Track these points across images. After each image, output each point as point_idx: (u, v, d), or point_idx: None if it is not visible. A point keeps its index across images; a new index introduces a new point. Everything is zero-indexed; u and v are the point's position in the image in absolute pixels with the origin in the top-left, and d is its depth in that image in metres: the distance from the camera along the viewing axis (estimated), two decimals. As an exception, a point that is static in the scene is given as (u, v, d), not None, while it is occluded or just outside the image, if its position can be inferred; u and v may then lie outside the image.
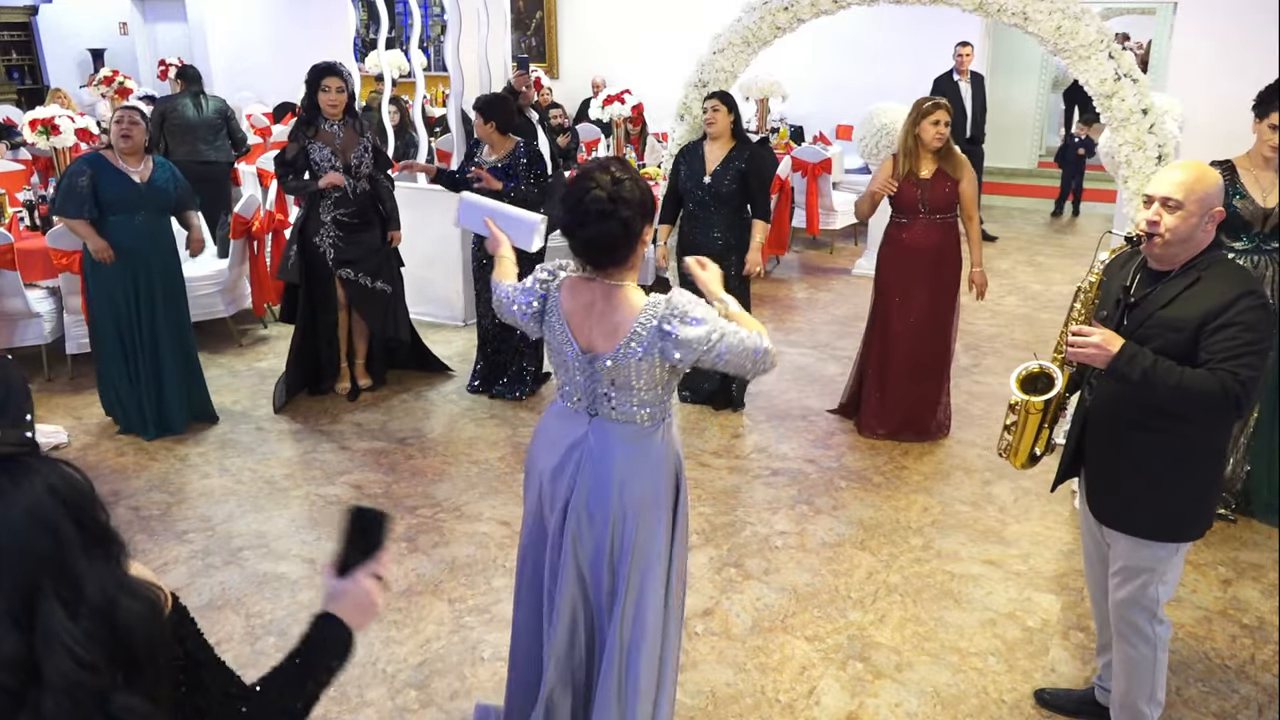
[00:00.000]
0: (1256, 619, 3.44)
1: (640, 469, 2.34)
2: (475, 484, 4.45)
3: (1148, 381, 2.33)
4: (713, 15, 6.13)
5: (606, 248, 2.24)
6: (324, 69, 4.98)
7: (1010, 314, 7.06)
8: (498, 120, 5.10)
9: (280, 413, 5.22)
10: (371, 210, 5.18)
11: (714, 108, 4.93)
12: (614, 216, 2.18)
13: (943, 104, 4.60)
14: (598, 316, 2.29)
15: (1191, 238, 2.40)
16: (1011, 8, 4.46)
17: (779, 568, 3.77)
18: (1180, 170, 2.42)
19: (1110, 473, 2.58)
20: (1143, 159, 4.36)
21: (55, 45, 13.85)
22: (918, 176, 4.61)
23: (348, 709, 2.99)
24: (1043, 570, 3.77)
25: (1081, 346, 2.39)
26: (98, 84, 9.91)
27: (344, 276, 5.17)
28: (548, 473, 2.41)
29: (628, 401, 2.31)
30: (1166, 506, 2.50)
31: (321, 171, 4.97)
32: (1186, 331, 2.35)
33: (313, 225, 5.09)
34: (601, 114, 8.07)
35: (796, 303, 7.42)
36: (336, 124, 5.01)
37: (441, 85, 10.37)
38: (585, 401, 2.37)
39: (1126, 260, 2.59)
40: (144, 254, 4.68)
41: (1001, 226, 9.82)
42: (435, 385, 5.62)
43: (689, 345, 2.20)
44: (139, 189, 4.59)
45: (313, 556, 3.84)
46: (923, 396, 4.87)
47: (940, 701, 3.04)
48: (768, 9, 5.02)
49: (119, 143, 4.56)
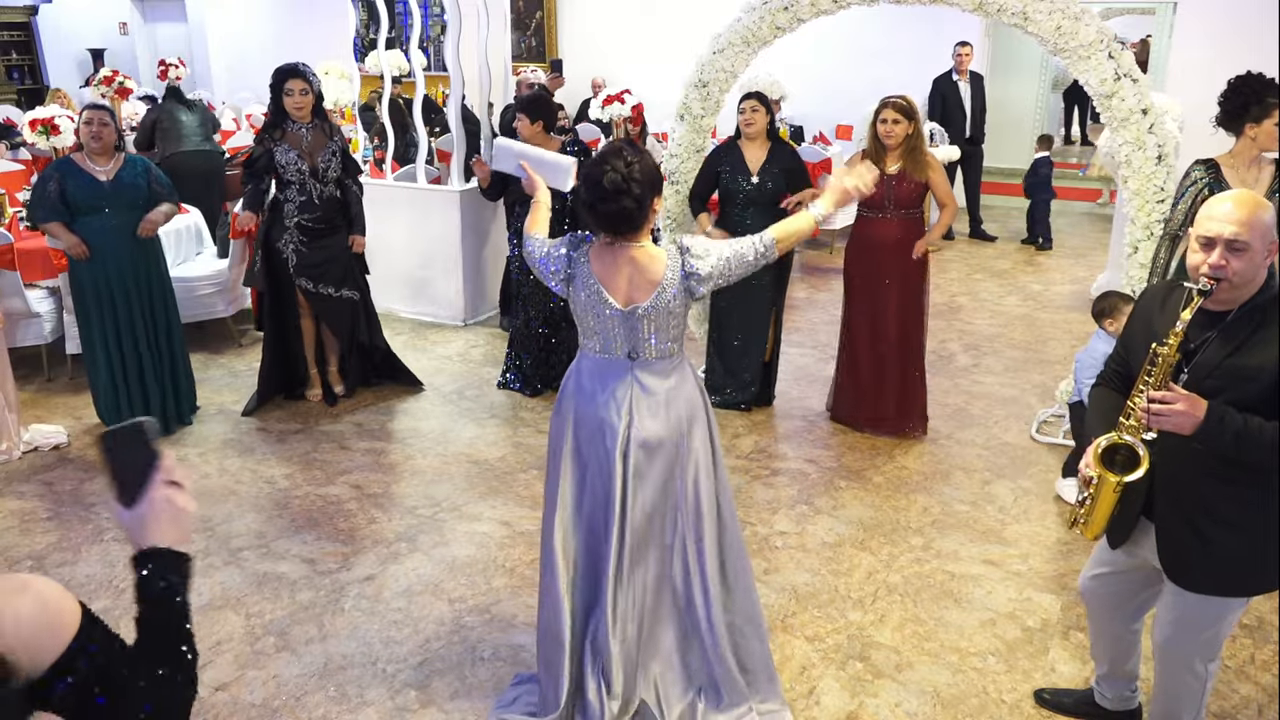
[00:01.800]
0: (1256, 619, 3.44)
1: (680, 392, 2.74)
2: (475, 484, 4.45)
3: (1239, 444, 2.15)
4: (713, 15, 6.13)
5: (624, 220, 2.59)
6: (286, 71, 4.89)
7: (1010, 314, 7.06)
8: (545, 120, 5.10)
9: (280, 413, 5.22)
10: (338, 216, 5.08)
11: (753, 108, 4.92)
12: (629, 194, 2.54)
13: (891, 102, 4.57)
14: (630, 275, 2.65)
15: (1254, 274, 2.20)
16: (1011, 8, 4.46)
17: (779, 568, 3.77)
18: (1236, 205, 2.18)
19: (1185, 530, 2.35)
20: (1143, 159, 4.37)
21: (55, 45, 13.86)
22: (883, 172, 4.59)
23: (348, 709, 2.99)
24: (1043, 570, 3.77)
25: (1167, 415, 2.18)
26: (98, 84, 9.91)
27: (304, 287, 5.07)
28: (596, 419, 2.71)
29: (665, 340, 2.70)
30: (1245, 561, 2.32)
31: (286, 175, 4.90)
32: (1263, 380, 2.16)
33: (277, 231, 5.00)
34: (601, 114, 8.05)
35: (796, 303, 7.42)
36: (304, 126, 4.93)
37: (441, 85, 10.37)
38: (626, 348, 2.70)
39: (1166, 295, 2.37)
40: (115, 252, 4.64)
41: (1001, 227, 9.82)
42: (436, 385, 5.62)
43: (705, 277, 2.65)
44: (103, 188, 4.57)
45: (313, 557, 3.84)
46: (894, 392, 4.87)
47: (940, 701, 3.04)
48: (768, 9, 5.02)
49: (89, 143, 4.55)
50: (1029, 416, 5.16)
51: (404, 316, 6.77)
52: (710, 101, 5.43)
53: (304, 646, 3.28)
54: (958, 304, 7.28)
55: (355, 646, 3.29)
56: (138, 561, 1.33)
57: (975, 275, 8.16)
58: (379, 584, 3.66)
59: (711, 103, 5.42)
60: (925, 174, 4.62)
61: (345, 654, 3.25)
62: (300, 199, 4.94)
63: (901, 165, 4.61)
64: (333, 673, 3.16)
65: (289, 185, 4.94)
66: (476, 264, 6.69)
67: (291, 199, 4.95)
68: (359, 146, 7.25)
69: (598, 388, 2.72)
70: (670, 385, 2.72)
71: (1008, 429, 5.05)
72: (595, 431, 2.72)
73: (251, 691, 3.07)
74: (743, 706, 2.83)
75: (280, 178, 4.94)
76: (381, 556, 3.85)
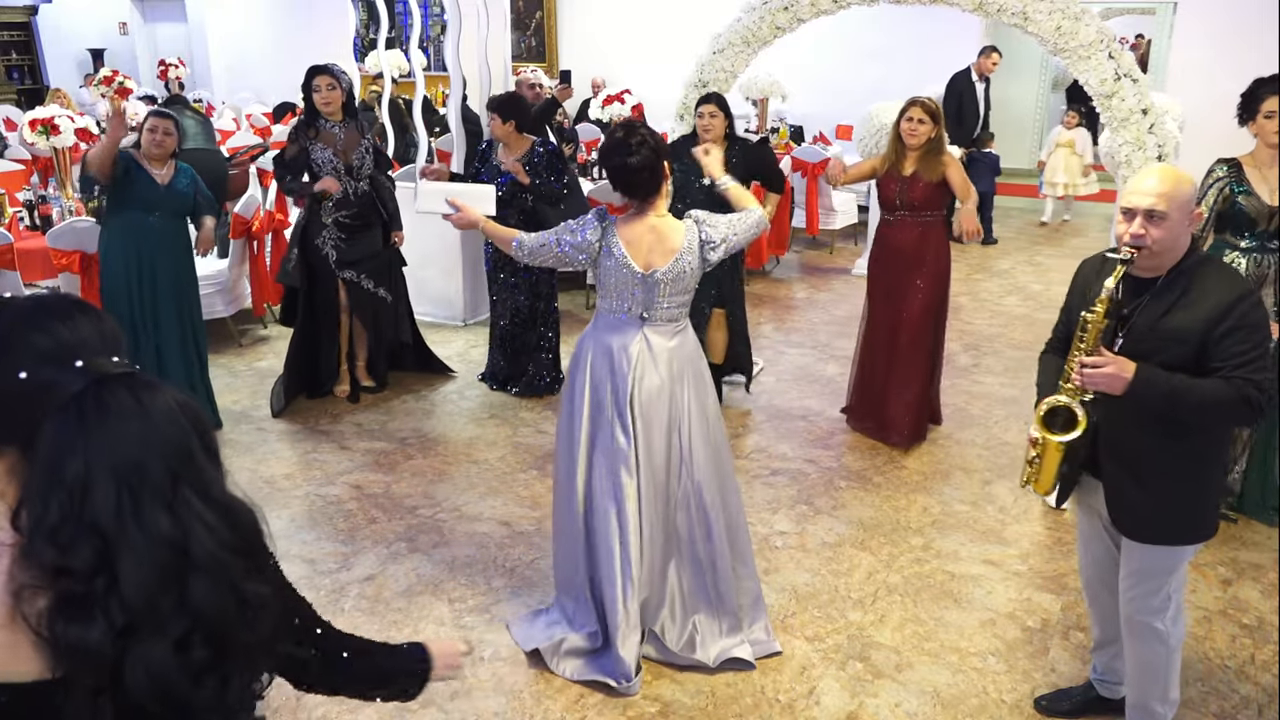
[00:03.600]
0: (1256, 619, 3.45)
1: (680, 353, 3.10)
2: (475, 484, 4.45)
3: (1169, 402, 2.31)
4: (713, 15, 6.13)
5: (645, 183, 3.02)
6: (315, 69, 4.98)
7: (1010, 314, 7.06)
8: (518, 119, 5.11)
9: (281, 412, 5.22)
10: (373, 212, 5.18)
11: (711, 114, 4.84)
12: (645, 161, 2.98)
13: (919, 101, 4.53)
14: (651, 243, 3.04)
15: (1174, 242, 2.37)
16: (1011, 8, 4.46)
17: (779, 568, 3.77)
18: (1156, 179, 2.37)
19: (1127, 483, 2.53)
20: (1143, 159, 4.36)
21: (55, 45, 13.86)
22: (899, 173, 4.58)
23: (348, 709, 2.99)
24: (1043, 570, 3.77)
25: (1098, 377, 2.35)
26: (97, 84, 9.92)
27: (347, 278, 5.17)
28: (615, 374, 3.06)
29: (676, 303, 3.08)
30: (1185, 510, 2.49)
31: (323, 173, 4.97)
32: (1191, 342, 2.32)
33: (314, 228, 5.09)
34: (601, 114, 8.07)
35: (796, 303, 7.42)
36: (338, 125, 5.01)
37: (441, 85, 10.37)
38: (640, 309, 3.06)
39: (1100, 266, 2.55)
40: (153, 255, 4.70)
41: (1001, 227, 9.82)
42: (436, 386, 5.62)
43: (719, 243, 3.05)
44: (159, 190, 4.66)
45: (313, 557, 3.84)
46: (899, 400, 4.77)
47: (940, 701, 3.04)
48: (768, 9, 5.02)
49: (151, 149, 4.63)
50: (1029, 416, 5.13)
51: (404, 316, 6.77)
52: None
53: (304, 646, 3.28)
54: (958, 304, 7.28)
55: (355, 646, 3.28)
56: (411, 644, 1.77)
57: (975, 275, 8.16)
58: (379, 584, 3.66)
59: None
60: (939, 173, 4.53)
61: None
62: (336, 196, 5.00)
63: (916, 168, 4.56)
64: (333, 673, 3.15)
65: None
66: (476, 264, 6.68)
67: (329, 196, 5.00)
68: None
69: (612, 343, 3.08)
70: (673, 346, 3.09)
71: (1008, 429, 5.05)
72: (605, 380, 3.08)
73: (251, 691, 3.07)
74: (736, 636, 3.22)
75: (315, 175, 5.00)
76: (381, 556, 3.85)
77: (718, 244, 3.05)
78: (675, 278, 3.03)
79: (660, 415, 3.06)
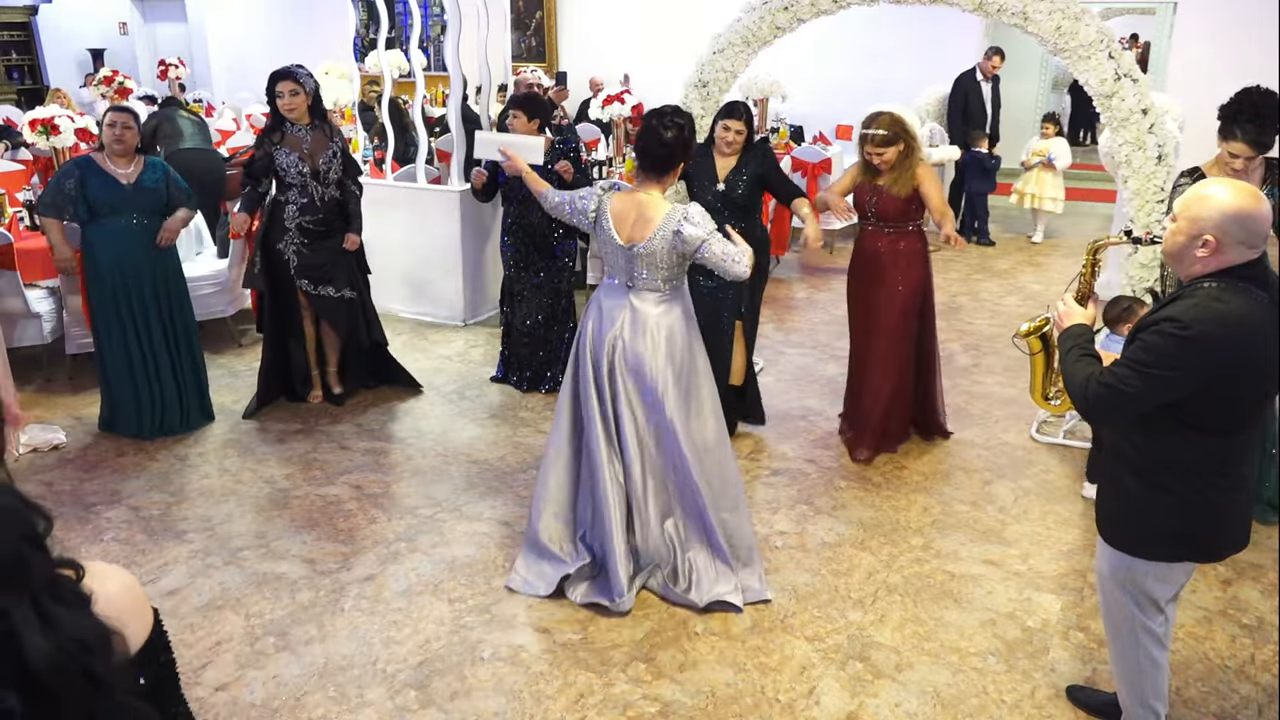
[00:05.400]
0: (1256, 619, 3.45)
1: (666, 317, 3.40)
2: (475, 484, 4.45)
3: (1063, 362, 2.51)
4: (713, 15, 6.13)
5: (661, 158, 3.33)
6: (277, 74, 4.87)
7: (1010, 314, 7.05)
8: (542, 118, 5.21)
9: (280, 413, 5.21)
10: (338, 217, 5.06)
11: (738, 130, 4.58)
12: (674, 139, 3.32)
13: (873, 125, 4.36)
14: (635, 219, 3.34)
15: (1180, 257, 2.33)
16: (1011, 8, 4.46)
17: (779, 568, 3.77)
18: (1196, 186, 2.35)
19: (1108, 483, 2.62)
20: (1143, 159, 4.37)
21: (55, 45, 13.85)
22: (873, 183, 4.48)
23: (347, 709, 2.99)
24: (1043, 570, 3.77)
25: (1059, 314, 2.64)
26: (97, 84, 9.91)
27: (305, 289, 5.06)
28: (602, 333, 3.41)
29: (655, 277, 3.37)
30: (1130, 516, 2.50)
31: (287, 177, 4.88)
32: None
33: (276, 232, 4.98)
34: (601, 114, 8.06)
35: (796, 303, 7.42)
36: (304, 129, 4.91)
37: (441, 85, 10.37)
38: (625, 278, 3.41)
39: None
40: (132, 257, 4.66)
41: (1001, 227, 9.81)
42: (436, 386, 5.62)
43: (689, 241, 3.26)
44: (124, 190, 4.59)
45: (313, 557, 3.84)
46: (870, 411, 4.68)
47: (940, 701, 3.04)
48: (768, 9, 5.03)
49: (112, 145, 4.56)
50: (1029, 417, 5.15)
51: (404, 316, 6.76)
52: (710, 101, 5.43)
53: (304, 646, 3.29)
54: (958, 304, 7.28)
55: (355, 646, 3.29)
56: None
57: (975, 275, 8.16)
58: (379, 584, 3.66)
59: (711, 103, 5.42)
60: (910, 187, 4.38)
61: (345, 654, 3.25)
62: (301, 201, 4.93)
63: (884, 182, 4.42)
64: (333, 673, 3.16)
65: (290, 187, 4.92)
66: (476, 264, 6.69)
67: (293, 201, 4.93)
68: (359, 146, 7.25)
69: (608, 306, 3.44)
70: (657, 313, 3.40)
71: (1008, 429, 5.05)
72: (600, 338, 3.42)
73: (251, 691, 3.07)
74: (729, 582, 3.48)
75: (281, 180, 4.93)
76: (381, 556, 3.85)
77: (688, 240, 3.25)
78: (650, 253, 3.31)
79: (644, 376, 3.39)
